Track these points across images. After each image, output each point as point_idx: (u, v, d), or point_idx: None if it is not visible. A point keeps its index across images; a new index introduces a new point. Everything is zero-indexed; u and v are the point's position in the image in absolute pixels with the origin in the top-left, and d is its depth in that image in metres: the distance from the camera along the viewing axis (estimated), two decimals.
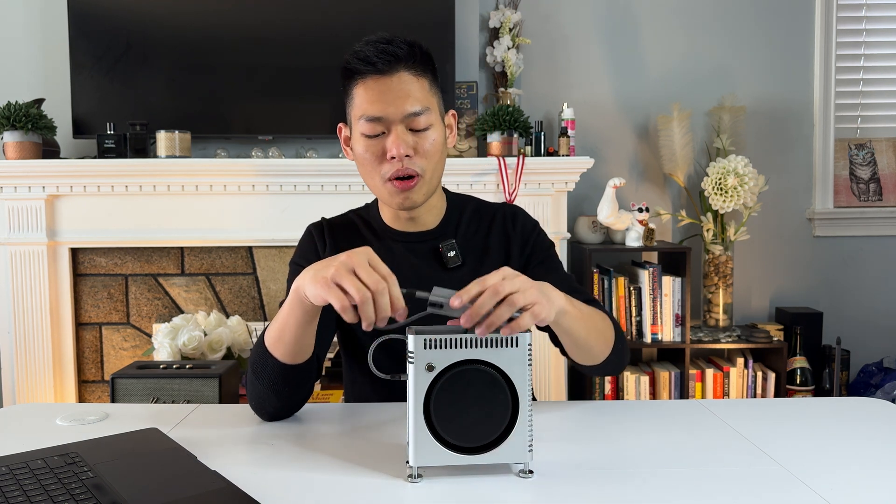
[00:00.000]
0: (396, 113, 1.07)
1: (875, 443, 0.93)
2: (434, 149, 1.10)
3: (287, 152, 2.63)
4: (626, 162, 2.84)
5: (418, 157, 1.09)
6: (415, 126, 1.08)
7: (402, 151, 1.06)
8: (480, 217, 1.23)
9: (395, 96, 1.06)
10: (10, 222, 2.40)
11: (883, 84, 2.88)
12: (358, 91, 1.09)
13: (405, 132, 1.08)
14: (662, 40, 2.82)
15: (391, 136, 1.07)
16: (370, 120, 1.07)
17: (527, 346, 0.80)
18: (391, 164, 1.08)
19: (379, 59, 1.06)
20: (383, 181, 1.10)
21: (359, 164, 1.13)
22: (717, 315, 2.67)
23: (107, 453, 0.86)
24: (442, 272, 1.16)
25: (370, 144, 1.09)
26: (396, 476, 0.82)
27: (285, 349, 0.98)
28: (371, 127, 1.08)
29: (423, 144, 1.09)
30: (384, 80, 1.07)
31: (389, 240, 1.19)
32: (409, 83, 1.08)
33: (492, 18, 2.66)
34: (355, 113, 1.10)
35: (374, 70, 1.07)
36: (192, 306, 2.53)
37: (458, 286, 1.14)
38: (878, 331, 2.88)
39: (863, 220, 2.87)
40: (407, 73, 1.08)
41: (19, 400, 2.44)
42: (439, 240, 1.18)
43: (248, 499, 0.74)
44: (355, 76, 1.09)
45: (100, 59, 2.51)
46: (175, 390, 1.84)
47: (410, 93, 1.07)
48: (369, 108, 1.07)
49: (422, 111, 1.08)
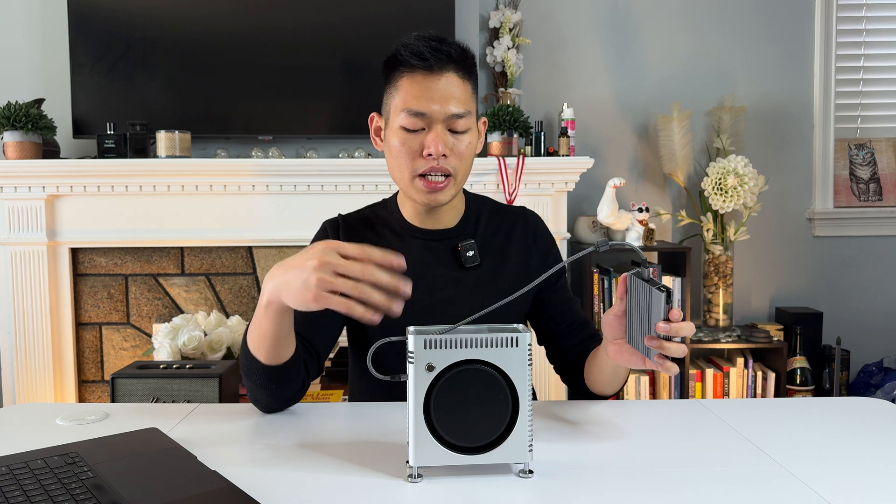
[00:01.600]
0: (440, 112, 1.08)
1: (875, 443, 0.93)
2: (468, 152, 1.12)
3: (287, 152, 2.64)
4: (626, 162, 2.84)
5: (453, 157, 1.10)
6: (454, 127, 1.10)
7: (440, 150, 1.08)
8: (499, 219, 1.25)
9: (441, 95, 1.08)
10: (10, 222, 2.40)
11: (883, 84, 2.88)
12: (403, 84, 1.09)
13: (444, 132, 1.09)
14: (662, 40, 2.82)
15: (431, 134, 1.08)
16: (413, 114, 1.08)
17: (527, 345, 0.80)
18: (426, 160, 1.09)
19: (432, 55, 1.07)
20: (413, 176, 1.11)
21: (390, 156, 1.14)
22: (717, 315, 2.67)
23: (107, 453, 0.86)
24: (458, 271, 1.18)
25: (408, 138, 1.10)
26: (396, 476, 0.81)
27: (267, 353, 0.99)
28: (412, 121, 1.08)
29: (459, 146, 1.11)
30: (432, 78, 1.08)
31: (408, 236, 1.20)
32: (455, 85, 1.09)
33: (492, 18, 2.66)
34: (396, 104, 1.10)
35: (424, 66, 1.07)
36: (192, 306, 2.53)
37: (474, 286, 1.18)
38: (878, 331, 2.88)
39: (863, 220, 2.87)
40: (455, 74, 1.09)
41: (19, 400, 2.44)
42: (458, 239, 1.20)
43: (248, 499, 0.74)
44: (402, 68, 1.09)
45: (100, 59, 2.51)
46: (175, 390, 1.84)
47: (455, 94, 1.09)
48: (414, 102, 1.08)
49: (464, 114, 1.09)
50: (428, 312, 1.10)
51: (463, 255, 1.18)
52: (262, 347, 0.99)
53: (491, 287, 1.18)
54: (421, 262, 1.17)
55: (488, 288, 1.18)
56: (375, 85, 1.19)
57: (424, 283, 1.15)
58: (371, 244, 1.18)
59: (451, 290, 1.17)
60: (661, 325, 0.87)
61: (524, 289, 0.87)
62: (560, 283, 1.26)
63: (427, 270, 1.17)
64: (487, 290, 1.18)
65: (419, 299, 1.15)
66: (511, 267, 1.20)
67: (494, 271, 1.19)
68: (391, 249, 1.17)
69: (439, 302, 1.16)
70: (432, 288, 1.16)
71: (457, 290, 1.17)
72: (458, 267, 1.18)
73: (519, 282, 1.20)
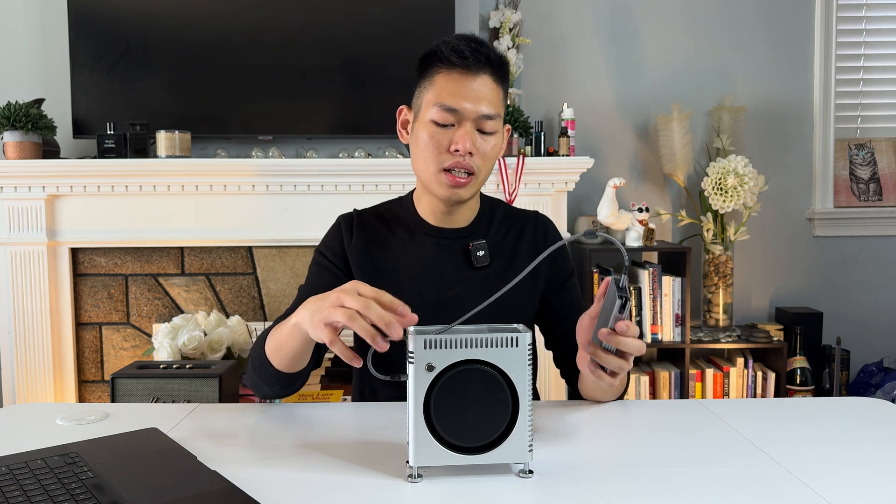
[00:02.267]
0: (472, 111, 1.10)
1: (875, 442, 0.93)
2: (493, 153, 1.15)
3: (287, 152, 2.64)
4: (626, 162, 2.84)
5: (478, 156, 1.13)
6: (483, 128, 1.12)
7: (468, 147, 1.10)
8: (511, 222, 1.27)
9: (475, 95, 1.10)
10: (10, 222, 2.40)
11: (883, 84, 2.88)
12: (439, 79, 1.12)
13: (473, 131, 1.12)
14: (662, 40, 2.82)
15: (460, 131, 1.11)
16: (446, 109, 1.10)
17: (527, 345, 0.80)
18: (452, 156, 1.12)
19: (472, 55, 1.10)
20: (437, 170, 1.13)
21: (416, 149, 1.16)
22: (716, 315, 2.67)
23: (107, 453, 0.86)
24: (468, 270, 1.20)
25: (436, 132, 1.12)
26: (396, 476, 0.82)
27: (282, 362, 1.02)
28: (444, 116, 1.11)
29: (485, 146, 1.13)
30: (469, 77, 1.10)
31: (421, 233, 1.22)
32: (489, 87, 1.12)
33: (492, 18, 2.66)
34: (429, 98, 1.13)
35: (462, 64, 1.10)
36: (192, 306, 2.53)
37: (481, 285, 1.19)
38: (878, 331, 2.88)
39: (863, 220, 2.87)
40: (490, 77, 1.12)
41: (19, 400, 2.44)
42: (470, 238, 1.22)
43: (248, 499, 0.74)
44: (440, 64, 1.12)
45: (100, 59, 2.51)
46: (175, 390, 1.84)
47: (488, 96, 1.11)
48: (448, 98, 1.10)
49: (494, 116, 1.12)
50: (435, 310, 1.11)
51: (473, 255, 1.19)
52: (278, 357, 1.02)
53: (498, 287, 1.18)
54: (432, 259, 1.19)
55: (496, 288, 1.18)
56: (375, 85, 1.20)
57: (434, 281, 1.18)
58: (383, 240, 1.22)
59: (459, 288, 1.18)
60: (603, 332, 0.88)
61: (509, 284, 0.86)
62: (567, 286, 1.26)
63: (437, 268, 1.19)
64: (495, 291, 1.18)
65: (428, 296, 1.16)
66: (519, 269, 1.21)
67: (503, 272, 1.20)
68: (403, 246, 1.20)
69: (447, 300, 1.17)
70: (441, 286, 1.18)
71: (465, 288, 1.18)
72: (468, 266, 1.20)
73: (526, 283, 1.21)
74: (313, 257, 1.24)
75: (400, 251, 1.21)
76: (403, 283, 1.18)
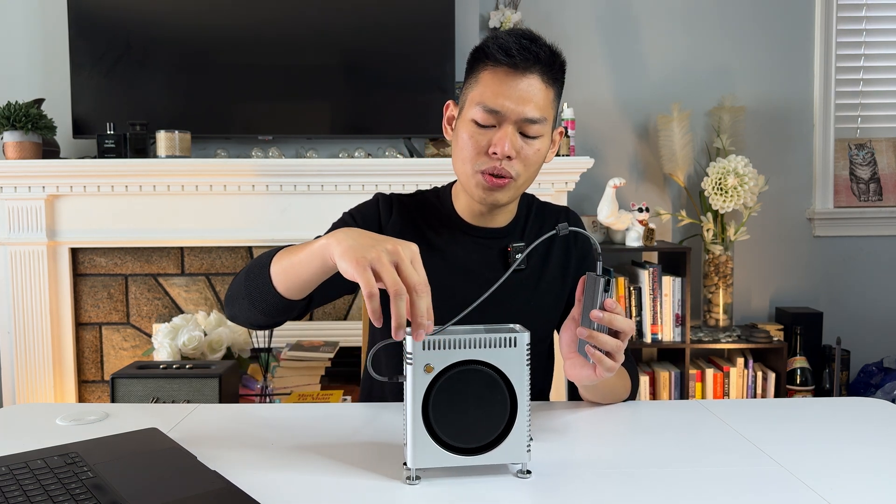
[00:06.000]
0: (515, 113, 1.04)
1: (875, 443, 0.93)
2: (536, 158, 1.09)
3: (287, 152, 2.64)
4: (626, 162, 2.84)
5: (518, 161, 1.07)
6: (526, 132, 1.06)
7: (506, 150, 1.04)
8: (543, 219, 1.23)
9: (519, 96, 1.04)
10: (10, 222, 2.40)
11: (883, 84, 2.88)
12: (484, 77, 1.06)
13: (515, 134, 1.05)
14: (662, 40, 2.82)
15: (500, 133, 1.05)
16: (487, 110, 1.05)
17: (525, 346, 0.80)
18: (490, 158, 1.06)
19: (518, 53, 1.03)
20: (475, 171, 1.08)
21: (456, 147, 1.11)
22: (717, 315, 2.67)
23: (107, 453, 0.86)
24: (503, 272, 1.16)
25: (476, 132, 1.07)
26: (394, 478, 0.82)
27: (287, 287, 0.95)
28: (485, 116, 1.05)
29: (527, 151, 1.07)
30: (515, 76, 1.04)
31: (457, 230, 1.18)
32: (536, 88, 1.05)
33: (492, 18, 2.66)
34: (473, 97, 1.08)
35: (509, 62, 1.03)
36: (192, 306, 2.53)
37: (518, 288, 1.16)
38: (878, 331, 2.88)
39: (863, 220, 2.87)
40: (539, 77, 1.05)
41: (19, 400, 2.44)
42: (506, 239, 1.18)
43: (248, 499, 0.74)
44: (487, 61, 1.06)
45: (100, 59, 2.51)
46: (175, 390, 1.84)
47: (534, 98, 1.05)
48: (490, 98, 1.05)
49: (539, 119, 1.06)
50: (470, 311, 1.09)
51: (511, 257, 1.16)
52: (286, 278, 0.94)
53: (531, 290, 1.17)
54: (468, 257, 1.16)
55: (530, 291, 1.17)
56: (375, 85, 1.19)
57: (467, 280, 1.14)
58: (419, 229, 1.17)
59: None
60: (594, 313, 0.87)
61: (491, 289, 0.85)
62: None
63: (473, 267, 1.15)
64: (528, 293, 1.17)
65: (462, 296, 1.13)
66: (552, 270, 1.19)
67: (536, 275, 1.18)
68: (439, 240, 1.16)
69: (482, 301, 1.14)
70: (475, 286, 1.14)
71: (498, 290, 1.16)
72: (504, 268, 1.16)
73: (557, 285, 1.19)
74: (341, 217, 1.18)
75: (435, 245, 1.17)
76: (438, 278, 1.14)
